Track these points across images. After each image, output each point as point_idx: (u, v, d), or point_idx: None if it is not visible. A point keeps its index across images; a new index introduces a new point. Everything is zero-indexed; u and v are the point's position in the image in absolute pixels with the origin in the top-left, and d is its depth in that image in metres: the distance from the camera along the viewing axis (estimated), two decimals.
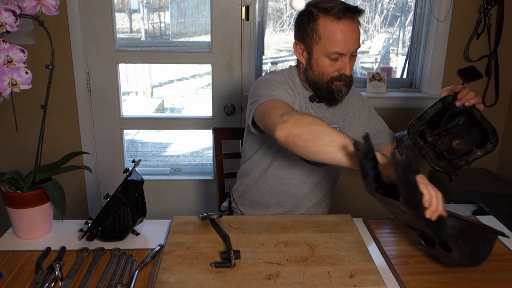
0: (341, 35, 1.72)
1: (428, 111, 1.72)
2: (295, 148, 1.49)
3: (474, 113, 1.70)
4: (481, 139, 1.70)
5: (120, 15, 5.64)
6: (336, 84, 1.82)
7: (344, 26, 1.72)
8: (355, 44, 1.76)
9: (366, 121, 2.08)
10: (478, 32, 3.08)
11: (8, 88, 1.40)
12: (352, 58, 1.81)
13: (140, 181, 1.65)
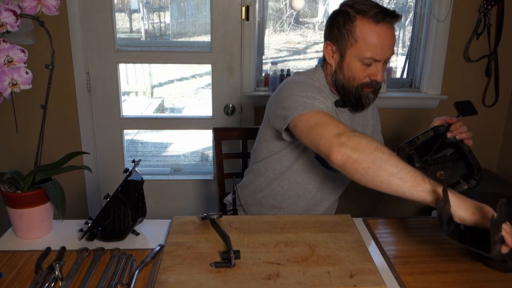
0: (379, 40, 1.67)
1: (420, 137, 1.71)
2: (353, 174, 1.44)
3: (463, 147, 1.69)
4: (465, 174, 1.69)
5: (120, 15, 5.63)
6: (365, 91, 1.77)
7: (382, 31, 1.67)
8: (390, 51, 1.71)
9: (370, 130, 2.05)
10: (478, 32, 3.09)
11: (8, 88, 1.40)
12: (385, 64, 1.75)
13: (140, 181, 1.65)
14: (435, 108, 3.24)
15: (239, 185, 2.14)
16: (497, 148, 3.40)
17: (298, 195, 1.97)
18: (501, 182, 3.15)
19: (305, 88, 1.72)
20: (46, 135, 1.61)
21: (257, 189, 2.04)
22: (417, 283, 1.38)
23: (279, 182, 1.97)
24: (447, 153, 1.73)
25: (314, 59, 6.50)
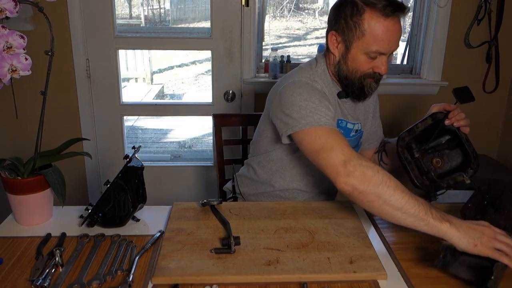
0: (387, 34, 1.64)
1: (419, 125, 1.69)
2: (359, 204, 1.47)
3: (460, 135, 1.68)
4: (462, 162, 1.69)
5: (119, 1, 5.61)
6: (367, 81, 1.74)
7: (391, 25, 1.64)
8: (396, 44, 1.69)
9: (371, 117, 2.04)
10: (479, 18, 3.08)
11: (8, 74, 1.40)
12: (389, 57, 1.73)
13: (140, 167, 1.65)
14: (435, 95, 3.23)
15: (239, 174, 2.13)
16: (497, 134, 3.40)
17: (300, 188, 1.97)
18: (501, 168, 3.16)
19: (307, 96, 1.68)
20: (46, 121, 1.60)
21: (258, 181, 2.03)
22: (417, 269, 1.39)
23: (281, 175, 1.96)
24: (444, 140, 1.72)
25: (314, 45, 6.49)
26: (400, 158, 1.67)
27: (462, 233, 1.32)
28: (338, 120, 1.84)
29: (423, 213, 1.37)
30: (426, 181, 1.61)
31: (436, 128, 1.68)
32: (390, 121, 3.26)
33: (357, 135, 1.93)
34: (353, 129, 1.90)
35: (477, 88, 3.25)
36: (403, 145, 1.67)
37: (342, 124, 1.86)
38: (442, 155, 1.70)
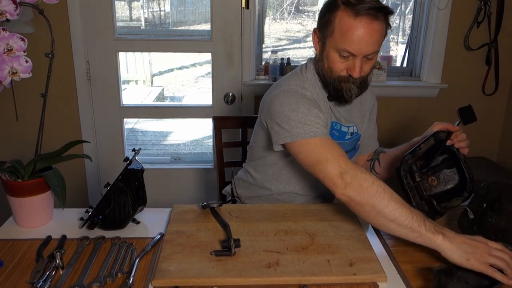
0: (354, 33, 1.58)
1: (422, 146, 1.66)
2: (357, 213, 1.52)
3: (458, 156, 1.67)
4: (457, 183, 1.68)
5: (119, 4, 5.62)
6: (344, 85, 1.70)
7: (361, 25, 1.57)
8: (369, 47, 1.60)
9: (367, 120, 2.01)
10: (479, 20, 3.08)
11: (8, 76, 1.40)
12: (368, 61, 1.66)
13: (140, 169, 1.65)
14: (435, 97, 3.24)
15: (237, 177, 2.13)
16: (497, 137, 3.41)
17: (296, 191, 1.96)
18: (501, 170, 3.16)
19: (295, 106, 1.68)
20: (46, 123, 1.60)
21: (255, 184, 2.02)
22: (417, 271, 1.39)
23: (277, 178, 1.95)
24: (440, 159, 1.71)
25: None
26: (402, 182, 1.62)
27: (455, 246, 1.34)
28: (332, 123, 1.84)
29: (416, 224, 1.38)
30: (425, 207, 1.60)
31: (438, 148, 1.66)
32: (389, 124, 3.26)
33: (353, 138, 1.92)
34: (348, 132, 1.88)
35: (477, 90, 3.26)
36: (407, 169, 1.63)
37: (336, 126, 1.85)
38: (438, 174, 1.69)
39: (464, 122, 1.65)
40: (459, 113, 1.66)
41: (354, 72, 1.64)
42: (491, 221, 1.52)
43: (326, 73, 1.72)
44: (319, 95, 1.78)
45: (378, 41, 1.62)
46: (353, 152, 1.95)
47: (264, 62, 3.23)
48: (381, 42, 1.64)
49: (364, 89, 1.75)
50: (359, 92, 1.74)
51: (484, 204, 1.57)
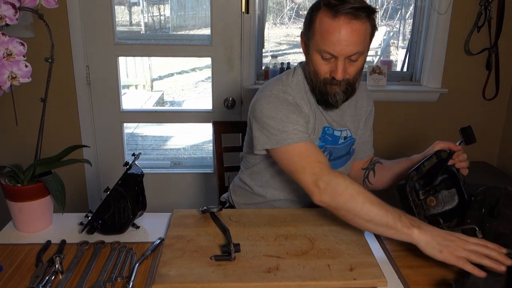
0: (333, 34, 1.55)
1: (425, 163, 1.65)
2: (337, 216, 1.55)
3: (458, 176, 1.66)
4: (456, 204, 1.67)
5: (119, 8, 5.62)
6: (332, 87, 1.68)
7: (339, 25, 1.54)
8: (350, 48, 1.57)
9: (362, 125, 1.98)
10: (479, 25, 3.08)
11: (7, 81, 1.40)
12: (352, 63, 1.63)
13: (140, 174, 1.65)
14: (435, 102, 3.24)
15: (233, 184, 2.13)
16: (497, 141, 3.40)
17: (291, 198, 1.95)
18: (501, 175, 3.16)
19: (274, 113, 1.68)
20: (46, 128, 1.60)
21: (251, 191, 2.01)
22: (417, 276, 1.39)
23: (271, 185, 1.94)
24: (440, 179, 1.70)
25: None
26: (407, 199, 1.59)
27: (429, 238, 1.36)
28: (325, 127, 1.83)
29: (392, 222, 1.41)
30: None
31: (439, 167, 1.65)
32: (389, 129, 3.26)
33: (347, 142, 1.90)
34: (341, 136, 1.87)
35: (477, 95, 3.26)
36: (412, 186, 1.61)
37: (329, 131, 1.84)
38: (437, 195, 1.67)
39: (466, 142, 1.64)
40: (462, 133, 1.65)
41: (337, 74, 1.61)
42: (490, 227, 1.51)
43: (312, 77, 1.71)
44: (305, 99, 1.78)
45: (360, 41, 1.59)
46: (347, 156, 1.94)
47: (264, 67, 3.23)
48: (364, 42, 1.61)
49: (350, 94, 1.73)
50: (345, 97, 1.72)
51: (483, 210, 1.57)
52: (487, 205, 1.58)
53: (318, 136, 1.81)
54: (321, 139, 1.82)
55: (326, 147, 1.84)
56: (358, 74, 1.70)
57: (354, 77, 1.68)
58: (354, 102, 1.87)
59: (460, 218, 1.60)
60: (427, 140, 3.38)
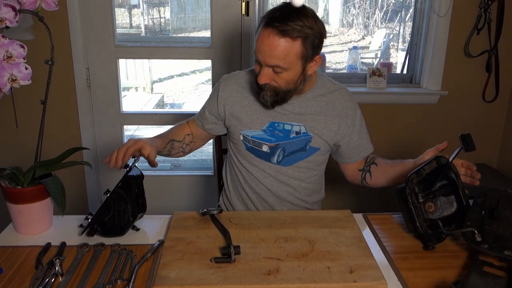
0: (259, 42, 1.71)
1: (425, 167, 1.65)
2: None
3: (457, 183, 1.67)
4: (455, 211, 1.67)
5: (120, 10, 5.63)
6: (260, 90, 1.80)
7: (265, 36, 1.68)
8: (270, 59, 1.69)
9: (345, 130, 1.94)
10: (479, 27, 3.08)
11: (8, 83, 1.40)
12: (277, 74, 1.73)
13: (140, 176, 1.65)
14: (435, 104, 3.24)
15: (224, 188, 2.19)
16: (497, 144, 3.40)
17: (263, 191, 1.99)
18: (501, 177, 3.16)
19: (210, 95, 2.04)
20: (46, 130, 1.61)
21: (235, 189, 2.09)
22: (417, 278, 1.39)
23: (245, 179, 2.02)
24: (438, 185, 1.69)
25: None
26: (407, 201, 1.60)
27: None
28: (275, 123, 1.91)
29: None
30: (429, 230, 1.58)
31: (438, 172, 1.65)
32: (389, 131, 3.26)
33: (300, 138, 1.91)
34: (292, 131, 1.90)
35: (477, 97, 3.26)
36: (412, 188, 1.62)
37: (279, 127, 1.91)
38: (436, 201, 1.67)
39: (466, 149, 1.64)
40: (461, 140, 1.65)
41: (259, 78, 1.75)
42: (490, 229, 1.51)
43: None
44: (254, 90, 1.91)
45: (280, 57, 1.68)
46: (302, 153, 1.94)
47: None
48: (286, 59, 1.69)
49: (279, 101, 1.81)
50: (273, 101, 1.80)
51: (483, 212, 1.57)
52: (487, 207, 1.58)
53: (262, 127, 1.91)
54: (268, 133, 1.90)
55: (278, 143, 1.90)
56: (290, 86, 1.78)
57: (285, 87, 1.77)
58: (326, 105, 1.92)
59: (459, 222, 1.60)
60: (427, 142, 3.38)
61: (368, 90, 3.18)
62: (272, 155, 1.92)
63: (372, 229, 1.70)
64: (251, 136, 1.91)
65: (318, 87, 1.92)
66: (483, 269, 1.38)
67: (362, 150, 2.00)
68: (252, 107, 1.91)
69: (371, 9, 6.45)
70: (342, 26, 7.22)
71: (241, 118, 1.92)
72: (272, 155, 1.91)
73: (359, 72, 3.39)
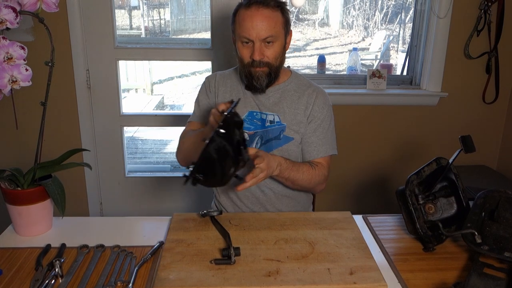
0: (247, 20, 1.82)
1: (425, 169, 1.65)
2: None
3: (457, 185, 1.66)
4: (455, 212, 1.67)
5: (120, 12, 5.64)
6: (254, 70, 1.88)
7: (251, 12, 1.82)
8: (262, 31, 1.81)
9: (304, 121, 1.97)
10: (479, 29, 3.08)
11: (8, 85, 1.40)
12: (269, 45, 1.85)
13: (240, 122, 1.53)
14: (435, 105, 3.24)
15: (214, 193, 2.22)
16: (497, 145, 3.40)
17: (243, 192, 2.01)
18: (501, 178, 3.16)
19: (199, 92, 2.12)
20: (46, 132, 1.61)
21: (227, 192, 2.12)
22: (417, 280, 1.39)
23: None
24: (439, 187, 1.69)
25: (314, 56, 6.50)
26: (407, 203, 1.60)
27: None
28: (252, 112, 1.99)
29: None
30: (429, 231, 1.58)
31: (439, 174, 1.65)
32: (390, 132, 3.26)
33: (275, 126, 1.97)
34: (267, 120, 1.97)
35: (477, 98, 3.26)
36: (412, 190, 1.62)
37: (257, 116, 1.99)
38: (436, 202, 1.67)
39: (466, 150, 1.64)
40: (461, 141, 1.65)
41: (255, 54, 1.84)
42: (490, 230, 1.51)
43: (239, 64, 1.95)
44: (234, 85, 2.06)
45: (271, 26, 1.82)
46: (277, 141, 1.96)
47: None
48: (276, 28, 1.84)
49: (273, 78, 1.92)
50: (268, 80, 1.90)
51: (483, 213, 1.57)
52: (487, 209, 1.58)
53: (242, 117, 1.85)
54: (248, 122, 1.98)
55: (256, 131, 1.97)
56: (278, 60, 1.91)
57: (274, 62, 1.89)
58: (298, 97, 1.99)
59: (459, 224, 1.60)
60: (427, 144, 3.39)
61: (368, 91, 3.18)
62: (251, 143, 1.97)
63: (372, 230, 1.70)
64: None
65: (293, 80, 2.03)
66: (483, 271, 1.38)
67: (311, 150, 1.98)
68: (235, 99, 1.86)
69: (371, 10, 6.45)
70: (342, 28, 7.23)
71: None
72: (251, 142, 1.97)
73: (359, 74, 3.39)
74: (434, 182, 1.65)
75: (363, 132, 3.25)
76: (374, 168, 3.32)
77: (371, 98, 3.20)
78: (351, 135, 3.22)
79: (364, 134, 3.26)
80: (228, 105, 1.58)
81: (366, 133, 3.26)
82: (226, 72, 2.13)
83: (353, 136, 3.24)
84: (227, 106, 1.58)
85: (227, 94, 2.03)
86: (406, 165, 3.13)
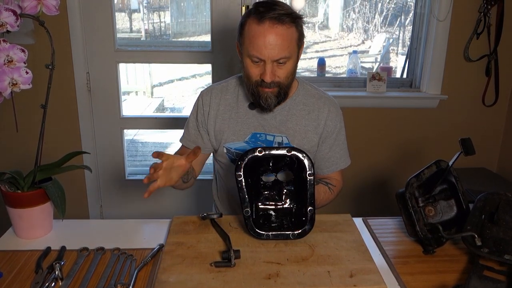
0: (259, 38, 1.62)
1: (425, 171, 1.65)
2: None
3: (457, 187, 1.66)
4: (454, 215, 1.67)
5: (120, 15, 5.64)
6: (264, 90, 1.72)
7: (264, 29, 1.62)
8: (276, 51, 1.63)
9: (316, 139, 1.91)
10: (478, 31, 3.09)
11: (8, 87, 1.40)
12: (281, 66, 1.69)
13: None
14: (435, 108, 3.24)
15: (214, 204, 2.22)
16: (497, 148, 3.40)
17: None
18: (501, 181, 3.16)
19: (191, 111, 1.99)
20: (46, 134, 1.61)
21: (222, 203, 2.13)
22: (417, 282, 1.39)
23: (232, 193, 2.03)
24: (439, 189, 1.69)
25: (314, 58, 6.50)
26: (407, 205, 1.59)
27: None
28: (257, 133, 1.87)
29: None
30: (429, 234, 1.58)
31: (438, 176, 1.65)
32: (389, 135, 3.26)
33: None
34: (275, 142, 1.87)
35: (477, 101, 3.26)
36: (412, 192, 1.62)
37: (261, 138, 1.87)
38: (436, 205, 1.67)
39: (466, 153, 1.64)
40: (461, 144, 1.64)
41: (265, 76, 1.67)
42: (489, 233, 1.51)
43: (246, 80, 1.77)
44: (239, 102, 1.89)
45: (285, 45, 1.65)
46: None
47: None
48: (290, 47, 1.67)
49: (282, 99, 1.78)
50: (277, 101, 1.76)
51: (483, 216, 1.57)
52: (487, 211, 1.58)
53: (244, 139, 1.87)
54: (250, 144, 1.86)
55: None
56: (290, 78, 1.75)
57: (285, 81, 1.73)
58: (306, 114, 1.88)
59: (459, 226, 1.60)
60: (427, 146, 3.38)
61: (368, 94, 3.19)
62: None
63: (372, 233, 1.70)
64: (234, 149, 1.88)
65: (300, 92, 1.89)
66: (483, 274, 1.38)
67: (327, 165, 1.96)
68: (233, 119, 1.87)
69: (371, 13, 6.45)
70: (342, 31, 7.22)
71: (223, 131, 1.88)
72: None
73: (359, 76, 3.39)
74: (434, 184, 1.65)
75: (363, 135, 3.25)
76: (374, 170, 3.32)
77: (371, 100, 3.20)
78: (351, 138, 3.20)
79: (364, 137, 3.26)
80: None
81: (366, 136, 3.26)
82: (224, 85, 1.94)
83: (353, 138, 3.23)
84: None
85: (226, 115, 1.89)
86: (406, 168, 3.14)
